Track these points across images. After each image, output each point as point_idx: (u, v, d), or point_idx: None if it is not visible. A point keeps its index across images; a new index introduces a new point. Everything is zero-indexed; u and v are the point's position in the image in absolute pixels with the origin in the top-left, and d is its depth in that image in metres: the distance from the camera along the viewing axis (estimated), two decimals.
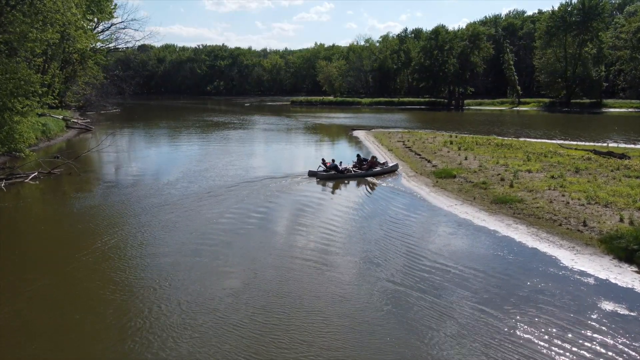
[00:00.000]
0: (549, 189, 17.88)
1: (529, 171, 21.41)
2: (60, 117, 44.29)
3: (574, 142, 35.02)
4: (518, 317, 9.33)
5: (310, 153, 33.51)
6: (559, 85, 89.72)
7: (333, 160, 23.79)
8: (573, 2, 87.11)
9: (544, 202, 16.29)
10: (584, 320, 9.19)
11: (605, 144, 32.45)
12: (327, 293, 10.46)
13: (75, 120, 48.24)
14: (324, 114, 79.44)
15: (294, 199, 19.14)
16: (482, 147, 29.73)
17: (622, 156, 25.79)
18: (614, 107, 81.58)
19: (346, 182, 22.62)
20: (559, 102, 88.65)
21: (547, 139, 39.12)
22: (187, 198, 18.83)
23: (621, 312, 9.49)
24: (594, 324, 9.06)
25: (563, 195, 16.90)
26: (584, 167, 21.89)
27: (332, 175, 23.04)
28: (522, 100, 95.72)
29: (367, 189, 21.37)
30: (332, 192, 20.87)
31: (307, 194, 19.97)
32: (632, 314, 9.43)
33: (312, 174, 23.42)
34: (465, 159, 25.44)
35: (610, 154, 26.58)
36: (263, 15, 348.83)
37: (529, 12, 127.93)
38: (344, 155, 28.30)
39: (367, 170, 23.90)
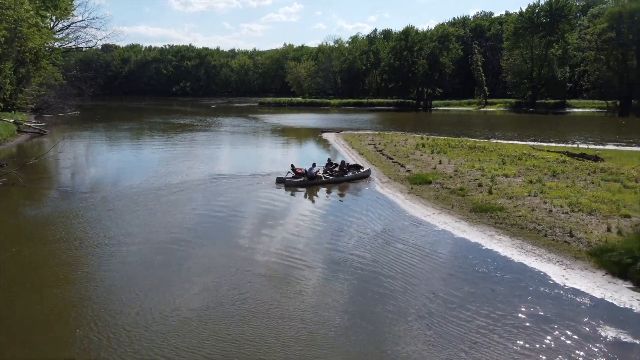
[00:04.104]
0: (529, 195, 17.04)
1: (506, 175, 20.62)
2: (12, 120, 41.54)
3: (545, 144, 34.77)
4: (513, 349, 8.25)
5: (277, 157, 32.06)
6: (525, 85, 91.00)
7: (314, 164, 22.45)
8: (541, 3, 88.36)
9: (525, 210, 15.41)
10: (586, 350, 8.18)
11: (575, 145, 32.33)
12: (290, 314, 9.18)
13: (28, 124, 45.33)
14: (293, 115, 78.03)
15: (259, 208, 17.75)
16: (455, 150, 28.98)
17: (596, 158, 25.49)
18: (578, 107, 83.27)
19: (316, 189, 21.32)
20: (524, 102, 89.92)
21: (518, 140, 38.86)
22: (143, 206, 17.21)
23: (624, 339, 8.52)
24: (597, 354, 8.07)
25: (544, 202, 16.07)
26: (560, 170, 21.28)
27: (301, 182, 21.73)
28: (489, 100, 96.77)
29: (338, 197, 20.18)
30: (301, 201, 19.56)
31: (272, 203, 18.58)
32: (636, 341, 8.47)
33: (280, 180, 22.05)
34: (440, 162, 24.55)
35: (583, 155, 26.27)
36: (231, 15, 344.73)
37: (497, 14, 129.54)
38: (313, 160, 26.97)
39: (338, 175, 22.71)
